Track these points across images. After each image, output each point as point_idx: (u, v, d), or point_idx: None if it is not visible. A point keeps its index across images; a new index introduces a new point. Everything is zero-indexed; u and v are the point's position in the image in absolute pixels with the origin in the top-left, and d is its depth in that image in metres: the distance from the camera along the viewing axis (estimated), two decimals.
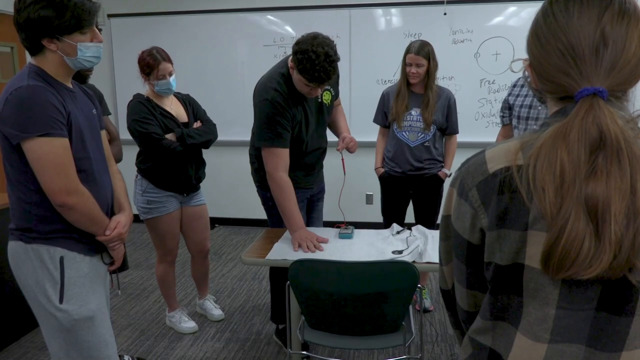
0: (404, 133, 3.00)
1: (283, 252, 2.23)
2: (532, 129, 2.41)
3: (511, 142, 0.81)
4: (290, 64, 2.28)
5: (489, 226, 0.81)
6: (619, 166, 0.69)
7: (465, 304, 0.93)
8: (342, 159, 2.59)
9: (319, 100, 2.49)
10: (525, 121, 2.48)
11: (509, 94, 2.62)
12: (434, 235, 2.32)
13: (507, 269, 0.80)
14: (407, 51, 2.89)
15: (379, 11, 4.59)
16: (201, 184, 2.94)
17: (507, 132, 2.69)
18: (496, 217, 0.79)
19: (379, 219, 3.27)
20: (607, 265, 0.69)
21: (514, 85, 2.62)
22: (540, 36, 0.80)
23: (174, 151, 2.65)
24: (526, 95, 2.49)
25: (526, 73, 0.88)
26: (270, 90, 2.32)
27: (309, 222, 2.79)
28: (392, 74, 4.47)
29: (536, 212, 0.75)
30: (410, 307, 2.07)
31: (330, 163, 2.81)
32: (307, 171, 2.63)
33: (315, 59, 2.12)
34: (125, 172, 2.05)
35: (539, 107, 2.40)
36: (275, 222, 2.58)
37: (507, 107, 2.63)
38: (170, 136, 2.68)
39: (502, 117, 2.69)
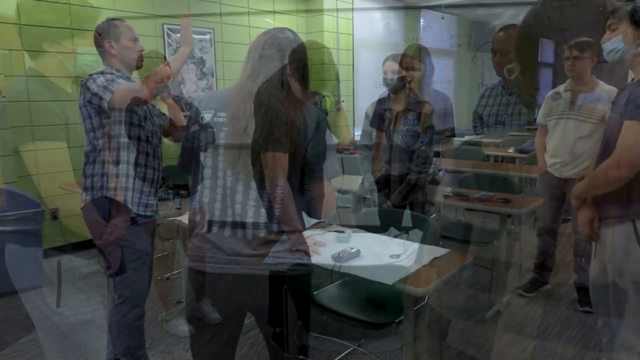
0: (400, 137, 3.01)
1: (280, 255, 2.23)
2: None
3: None
4: (287, 71, 2.31)
5: None
6: None
7: None
8: (342, 158, 2.59)
9: (319, 105, 2.52)
10: (494, 127, 2.64)
11: (478, 105, 2.79)
12: None
13: None
14: (403, 55, 2.91)
15: (378, 15, 4.60)
16: None
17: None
18: None
19: (377, 222, 3.27)
20: None
21: (482, 97, 2.80)
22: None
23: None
24: (493, 105, 2.67)
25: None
26: (270, 95, 2.35)
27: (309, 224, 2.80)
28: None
29: None
30: None
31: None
32: (307, 173, 2.64)
33: (311, 67, 2.15)
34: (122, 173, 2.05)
35: (505, 115, 2.57)
36: None
37: (479, 118, 2.79)
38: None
39: (475, 127, 2.86)
